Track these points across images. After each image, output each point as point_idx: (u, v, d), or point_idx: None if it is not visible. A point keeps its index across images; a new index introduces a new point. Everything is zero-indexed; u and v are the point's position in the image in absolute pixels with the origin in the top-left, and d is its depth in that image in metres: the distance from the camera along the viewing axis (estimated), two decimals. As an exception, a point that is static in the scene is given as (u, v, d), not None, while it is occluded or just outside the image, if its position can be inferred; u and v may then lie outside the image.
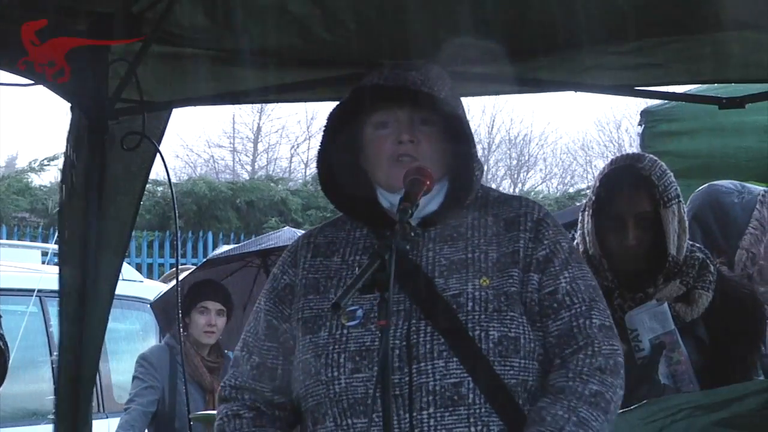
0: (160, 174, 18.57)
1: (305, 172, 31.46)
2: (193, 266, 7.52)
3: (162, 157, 4.11)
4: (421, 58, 3.50)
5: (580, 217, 3.76)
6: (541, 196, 25.34)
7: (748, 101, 4.20)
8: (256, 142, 35.09)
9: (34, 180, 20.25)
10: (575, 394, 2.86)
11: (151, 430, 6.41)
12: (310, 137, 34.66)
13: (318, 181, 3.14)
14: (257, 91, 4.21)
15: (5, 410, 7.35)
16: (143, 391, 6.33)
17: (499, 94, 9.38)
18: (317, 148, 3.08)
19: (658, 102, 5.91)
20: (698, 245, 3.80)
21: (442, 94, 3.01)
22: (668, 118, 6.01)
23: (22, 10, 3.58)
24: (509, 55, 3.78)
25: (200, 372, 6.33)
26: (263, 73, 4.07)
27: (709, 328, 3.69)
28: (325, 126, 3.06)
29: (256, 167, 33.94)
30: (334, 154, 3.06)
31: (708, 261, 3.73)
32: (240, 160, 35.36)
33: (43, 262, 9.81)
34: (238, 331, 4.07)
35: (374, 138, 3.02)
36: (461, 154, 3.01)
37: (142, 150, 4.03)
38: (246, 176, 30.41)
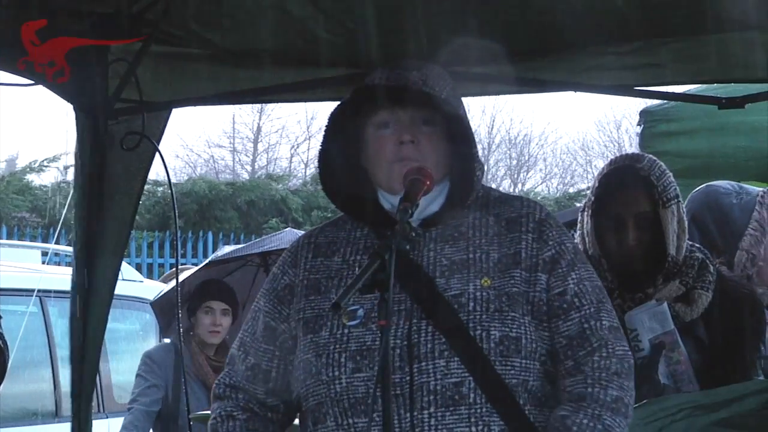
0: (160, 174, 18.63)
1: (305, 172, 31.47)
2: (193, 266, 7.51)
3: (162, 157, 4.11)
4: (421, 58, 3.50)
5: (580, 217, 3.76)
6: (541, 196, 25.36)
7: (748, 101, 4.20)
8: (256, 142, 35.10)
9: (34, 180, 20.26)
10: (597, 401, 2.87)
11: (154, 428, 6.41)
12: (310, 137, 34.68)
13: (318, 181, 3.14)
14: (257, 91, 4.21)
15: (5, 410, 7.34)
16: (146, 390, 6.32)
17: (499, 94, 9.37)
18: (317, 148, 3.08)
19: (658, 102, 5.91)
20: (698, 245, 3.80)
21: (443, 94, 3.01)
22: (667, 118, 6.00)
23: (22, 10, 3.57)
24: (509, 55, 3.78)
25: (204, 371, 6.33)
26: (263, 73, 4.07)
27: (709, 328, 3.69)
28: (326, 126, 3.06)
29: (256, 167, 33.95)
30: (335, 154, 3.06)
31: (707, 261, 3.73)
32: (240, 160, 35.37)
33: (43, 262, 9.81)
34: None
35: (375, 138, 3.02)
36: (462, 155, 3.01)
37: (141, 150, 4.03)
38: (246, 176, 30.42)
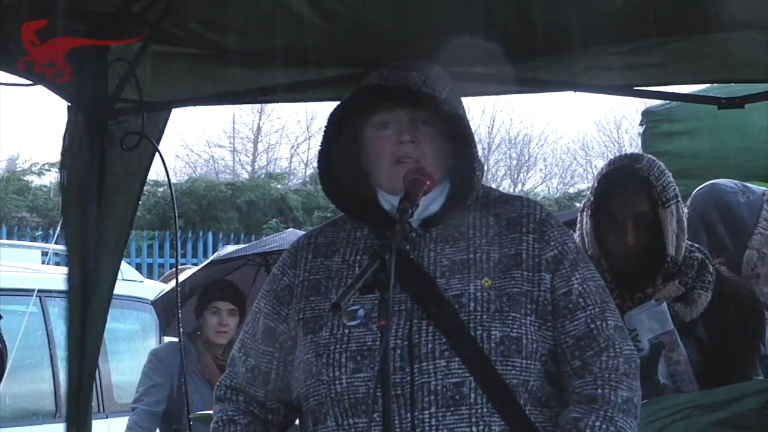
0: (160, 174, 18.61)
1: (305, 172, 31.47)
2: (193, 266, 7.52)
3: (161, 157, 4.10)
4: (421, 58, 3.50)
5: (579, 217, 3.76)
6: (541, 196, 25.36)
7: (748, 101, 4.19)
8: (256, 142, 35.11)
9: (34, 180, 20.27)
10: (609, 402, 2.87)
11: (159, 426, 6.42)
12: (310, 137, 34.70)
13: (318, 181, 3.14)
14: (257, 91, 4.21)
15: (5, 410, 7.35)
16: (150, 389, 6.33)
17: (499, 94, 9.36)
18: (317, 148, 3.08)
19: (660, 102, 5.91)
20: (697, 245, 3.80)
21: (443, 94, 3.01)
22: (669, 118, 6.00)
23: (22, 10, 3.57)
24: (509, 55, 3.78)
25: (210, 370, 6.34)
26: (263, 73, 4.06)
27: (709, 328, 3.69)
28: (325, 126, 3.06)
29: (256, 167, 33.96)
30: (335, 155, 3.06)
31: (707, 261, 3.73)
32: (240, 160, 35.38)
33: (43, 262, 9.81)
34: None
35: (375, 138, 3.02)
36: (462, 155, 3.01)
37: (141, 150, 4.02)
38: (246, 176, 30.42)
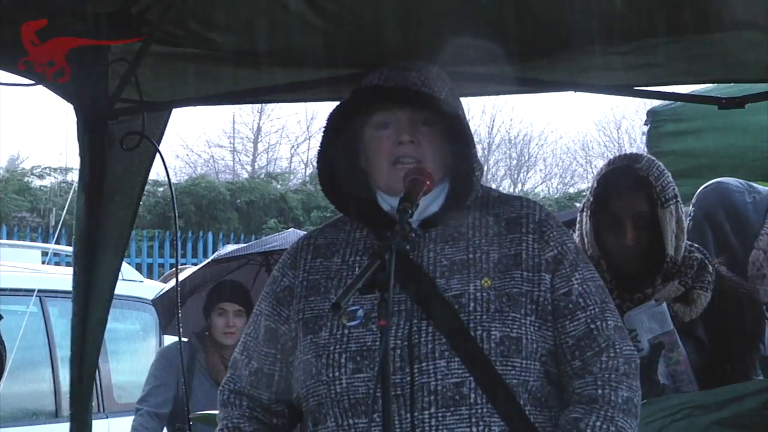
0: (160, 174, 18.63)
1: (305, 172, 31.49)
2: (193, 266, 7.52)
3: (162, 157, 4.10)
4: (421, 58, 3.50)
5: (579, 218, 3.76)
6: (541, 196, 25.38)
7: (748, 101, 4.19)
8: (256, 142, 35.12)
9: (35, 180, 20.29)
10: (609, 402, 2.87)
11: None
12: (310, 137, 34.71)
13: (318, 181, 3.14)
14: (257, 91, 4.21)
15: (5, 410, 7.35)
16: (155, 390, 6.34)
17: (499, 94, 9.35)
18: (317, 148, 3.08)
19: (664, 102, 5.90)
20: (696, 245, 3.80)
21: (442, 94, 3.01)
22: (674, 117, 5.99)
23: (22, 10, 3.57)
24: (509, 55, 3.78)
25: (218, 370, 6.35)
26: (263, 73, 4.06)
27: (708, 328, 3.69)
28: (325, 127, 3.06)
29: (256, 167, 33.97)
30: (334, 155, 3.06)
31: (706, 261, 3.73)
32: (240, 160, 35.39)
33: (43, 262, 9.81)
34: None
35: (374, 139, 3.02)
36: (461, 155, 3.01)
37: (141, 150, 4.02)
38: (246, 176, 30.43)
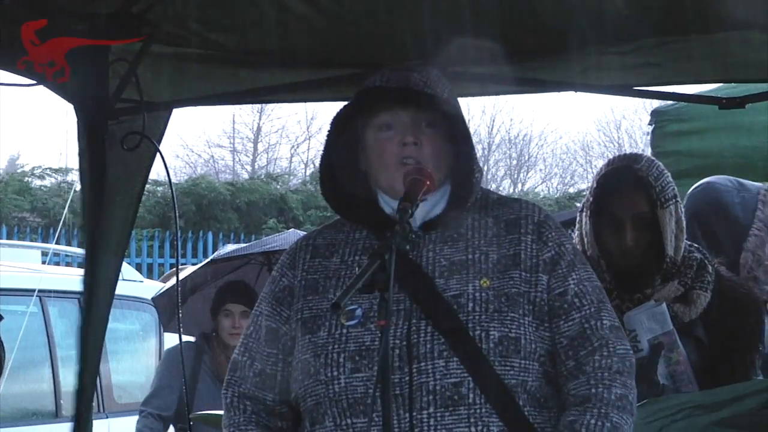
0: (160, 174, 18.62)
1: (305, 172, 31.46)
2: (193, 266, 7.52)
3: (162, 157, 4.10)
4: (421, 58, 3.50)
5: (578, 218, 3.76)
6: (541, 196, 25.37)
7: (749, 101, 4.19)
8: (256, 142, 35.10)
9: (35, 180, 20.29)
10: (602, 400, 2.87)
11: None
12: (310, 137, 34.65)
13: (318, 181, 3.14)
14: (257, 91, 4.21)
15: (5, 410, 7.35)
16: (159, 391, 6.35)
17: (499, 94, 9.38)
18: (318, 148, 3.09)
19: (668, 102, 5.89)
20: (696, 245, 3.80)
21: (444, 95, 3.02)
22: (678, 117, 5.98)
23: (22, 10, 3.57)
24: (509, 55, 3.78)
25: (224, 370, 6.36)
26: (263, 73, 4.06)
27: (708, 328, 3.69)
28: (329, 130, 3.06)
29: (256, 167, 33.95)
30: (334, 157, 3.06)
31: (706, 261, 3.73)
32: (240, 160, 35.38)
33: (43, 262, 9.81)
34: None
35: (377, 140, 3.01)
36: (463, 156, 3.01)
37: (142, 150, 4.02)
38: (246, 176, 30.42)
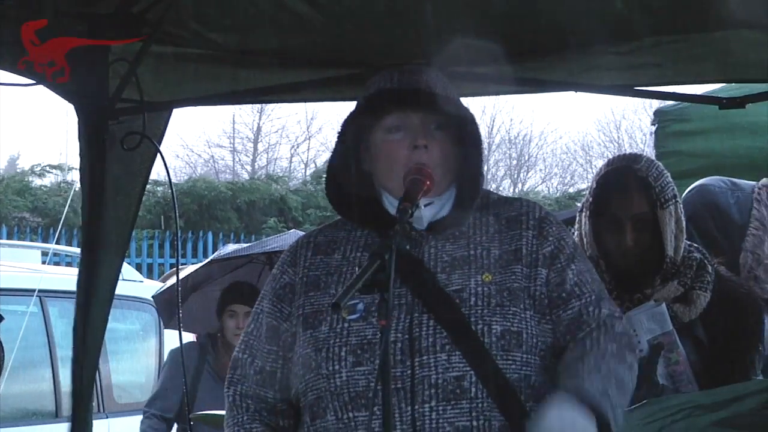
0: (160, 174, 18.61)
1: (305, 172, 31.49)
2: (193, 266, 7.52)
3: (162, 157, 4.10)
4: (421, 58, 3.50)
5: (578, 218, 3.76)
6: (541, 196, 25.38)
7: (749, 101, 4.19)
8: (256, 142, 35.11)
9: (35, 180, 20.30)
10: (599, 352, 2.87)
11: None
12: (310, 137, 34.72)
13: (318, 181, 3.13)
14: (257, 91, 4.21)
15: (5, 410, 7.35)
16: (162, 393, 6.36)
17: (499, 94, 9.38)
18: (317, 148, 3.10)
19: (671, 102, 5.89)
20: (696, 245, 3.80)
21: (454, 97, 3.02)
22: (681, 117, 5.98)
23: (22, 10, 3.57)
24: (509, 55, 3.78)
25: (226, 370, 6.37)
26: (263, 73, 4.06)
27: (708, 328, 3.68)
28: (339, 132, 3.05)
29: (256, 167, 33.97)
30: (340, 157, 3.06)
31: (706, 261, 3.72)
32: (240, 160, 35.38)
33: (43, 262, 9.81)
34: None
35: (386, 142, 3.00)
36: (471, 157, 3.01)
37: (142, 150, 4.03)
38: (246, 176, 30.42)
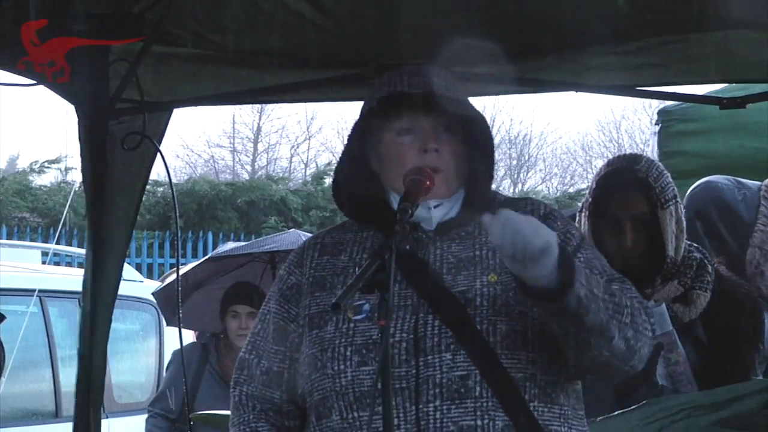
0: (160, 174, 18.61)
1: (305, 172, 31.49)
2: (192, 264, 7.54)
3: (162, 157, 4.11)
4: (421, 58, 3.50)
5: (578, 218, 3.75)
6: (541, 196, 25.35)
7: (749, 101, 4.19)
8: (256, 142, 35.11)
9: (35, 180, 20.29)
10: (608, 287, 2.82)
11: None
12: (310, 137, 34.72)
13: (318, 181, 3.13)
14: (258, 91, 4.21)
15: (5, 410, 7.35)
16: (165, 393, 6.37)
17: (499, 94, 9.35)
18: (317, 148, 3.10)
19: (674, 102, 5.89)
20: (696, 245, 3.80)
21: (464, 98, 3.02)
22: (685, 117, 5.98)
23: (22, 10, 3.57)
24: (509, 55, 3.78)
25: (229, 371, 6.37)
26: (263, 73, 4.07)
27: (708, 328, 3.68)
28: (350, 134, 3.05)
29: (256, 167, 33.97)
30: (346, 157, 3.05)
31: (706, 261, 3.72)
32: (240, 160, 35.38)
33: (43, 262, 9.81)
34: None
35: (396, 144, 2.99)
36: (482, 159, 3.00)
37: (142, 150, 4.03)
38: (246, 176, 30.43)
